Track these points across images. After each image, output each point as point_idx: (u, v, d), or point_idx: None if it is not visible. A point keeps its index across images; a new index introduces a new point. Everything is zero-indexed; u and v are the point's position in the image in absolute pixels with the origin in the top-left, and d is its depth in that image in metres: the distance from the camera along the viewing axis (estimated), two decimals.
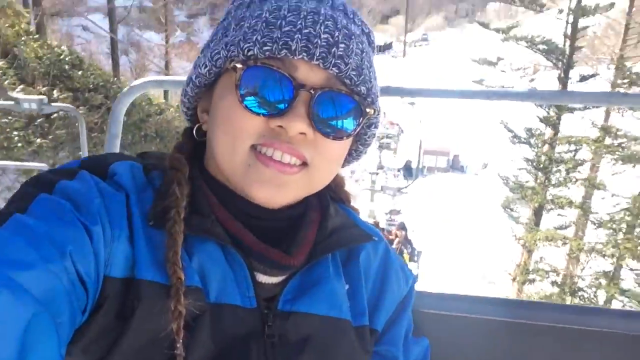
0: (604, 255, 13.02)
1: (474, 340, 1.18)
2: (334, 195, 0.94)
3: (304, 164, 0.76)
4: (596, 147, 14.06)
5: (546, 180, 15.32)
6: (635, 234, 12.46)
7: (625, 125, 14.26)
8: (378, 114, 0.84)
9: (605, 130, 14.03)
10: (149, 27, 33.96)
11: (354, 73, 0.75)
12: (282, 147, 0.73)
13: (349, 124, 0.77)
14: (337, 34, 0.74)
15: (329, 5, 0.79)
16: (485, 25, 21.06)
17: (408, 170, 36.09)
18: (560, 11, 16.48)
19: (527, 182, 16.45)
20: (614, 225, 12.90)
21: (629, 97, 1.50)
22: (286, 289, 0.79)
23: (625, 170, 13.73)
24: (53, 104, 4.12)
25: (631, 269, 12.76)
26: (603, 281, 13.00)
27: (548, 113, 15.96)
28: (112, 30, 18.17)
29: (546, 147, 15.49)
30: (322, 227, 0.84)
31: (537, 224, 15.60)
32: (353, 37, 0.77)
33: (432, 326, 1.09)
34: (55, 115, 9.51)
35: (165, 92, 19.77)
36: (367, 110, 0.78)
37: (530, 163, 16.12)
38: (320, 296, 0.80)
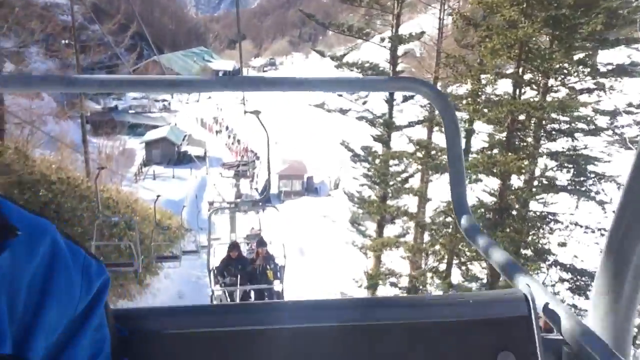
0: (427, 254, 14.79)
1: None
2: None
3: None
4: (413, 160, 15.93)
5: (383, 194, 16.88)
6: (450, 231, 14.29)
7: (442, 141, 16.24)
8: None
9: (419, 144, 15.90)
10: None
11: None
12: None
13: None
14: None
15: None
16: (321, 53, 22.57)
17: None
18: (382, 39, 18.32)
19: (369, 197, 17.90)
20: (434, 227, 14.68)
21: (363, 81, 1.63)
22: None
23: (439, 178, 15.70)
24: None
25: (459, 266, 14.53)
26: (436, 280, 14.70)
27: (381, 132, 17.64)
28: None
29: (379, 163, 17.10)
30: None
31: (380, 234, 17.06)
32: None
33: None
34: None
35: (1, 133, 18.22)
36: None
37: (369, 179, 17.63)
38: None
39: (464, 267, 13.99)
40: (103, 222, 12.39)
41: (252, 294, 10.61)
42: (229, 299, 10.11)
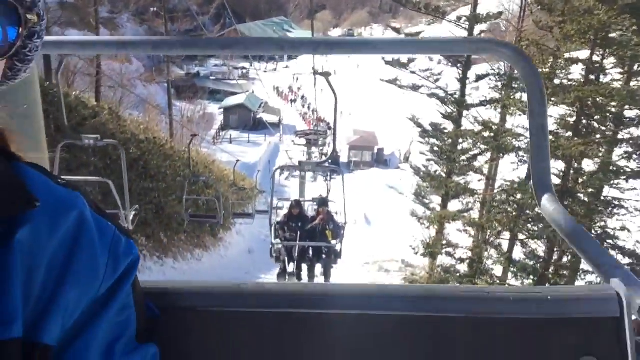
0: (484, 229, 15.16)
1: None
2: None
3: None
4: (475, 139, 16.15)
5: (449, 170, 17.30)
6: (508, 210, 14.59)
7: (515, 122, 16.26)
8: (42, 20, 0.63)
9: (484, 124, 16.06)
10: (70, 24, 32.90)
11: None
12: None
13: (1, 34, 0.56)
14: None
15: None
16: (397, 30, 22.80)
17: (336, 164, 37.49)
18: (459, 18, 18.36)
19: (435, 172, 18.32)
20: (495, 204, 15.00)
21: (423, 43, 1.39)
22: None
23: (502, 158, 15.91)
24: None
25: (520, 243, 14.83)
26: (494, 254, 15.15)
27: (452, 110, 17.91)
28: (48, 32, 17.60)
29: (447, 140, 17.46)
30: None
31: (444, 208, 17.52)
32: None
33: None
34: None
35: (97, 95, 19.96)
36: (29, 17, 0.59)
37: (436, 155, 18.02)
38: None
39: (524, 245, 14.33)
40: (191, 180, 13.59)
41: (310, 251, 10.73)
42: (287, 254, 10.39)
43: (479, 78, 17.89)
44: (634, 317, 0.85)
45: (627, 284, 0.87)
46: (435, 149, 18.02)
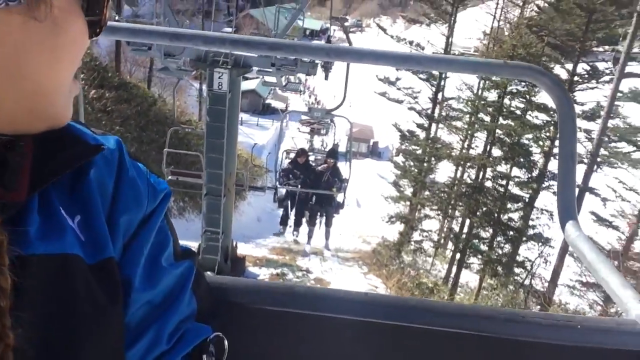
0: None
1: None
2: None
3: None
4: (427, 149, 21.37)
5: (420, 169, 22.49)
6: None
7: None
8: None
9: (432, 139, 21.51)
10: None
11: None
12: None
13: None
14: None
15: None
16: (383, 30, 27.28)
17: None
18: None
19: (411, 166, 23.32)
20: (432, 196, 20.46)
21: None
22: None
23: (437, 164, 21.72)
24: None
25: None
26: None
27: (425, 121, 22.93)
28: None
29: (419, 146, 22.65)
30: (39, 150, 0.63)
31: (414, 195, 22.72)
32: None
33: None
34: None
35: (149, 83, 24.47)
36: None
37: (410, 157, 23.18)
38: (35, 232, 0.60)
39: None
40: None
41: (314, 198, 10.90)
42: (290, 200, 10.45)
43: (448, 99, 22.74)
44: None
45: None
46: (411, 150, 23.12)
